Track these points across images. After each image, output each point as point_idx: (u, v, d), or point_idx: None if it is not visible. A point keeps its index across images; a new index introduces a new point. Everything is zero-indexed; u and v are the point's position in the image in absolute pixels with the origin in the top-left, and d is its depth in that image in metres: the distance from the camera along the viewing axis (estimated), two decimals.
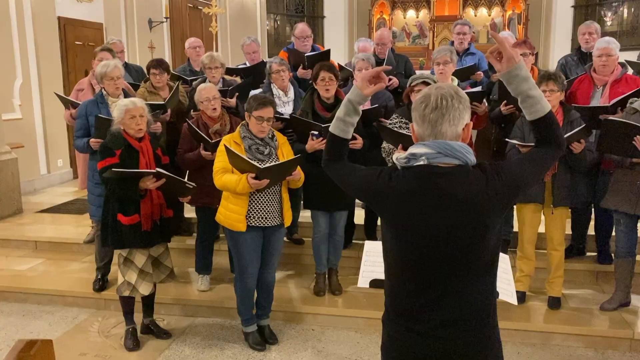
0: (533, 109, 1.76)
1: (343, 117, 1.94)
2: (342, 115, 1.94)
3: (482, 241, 1.72)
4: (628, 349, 3.67)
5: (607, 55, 4.04)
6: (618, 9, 11.33)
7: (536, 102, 1.75)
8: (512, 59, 1.74)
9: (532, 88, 1.75)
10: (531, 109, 1.76)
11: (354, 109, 1.94)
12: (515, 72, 1.75)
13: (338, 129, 1.95)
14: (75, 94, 5.15)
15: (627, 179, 3.60)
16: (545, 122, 1.76)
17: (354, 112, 1.94)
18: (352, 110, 1.94)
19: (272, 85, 4.56)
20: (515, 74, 1.75)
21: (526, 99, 1.76)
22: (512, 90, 1.78)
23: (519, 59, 1.74)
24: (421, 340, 1.76)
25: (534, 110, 1.76)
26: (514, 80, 1.76)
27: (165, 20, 9.54)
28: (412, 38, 13.39)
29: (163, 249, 3.72)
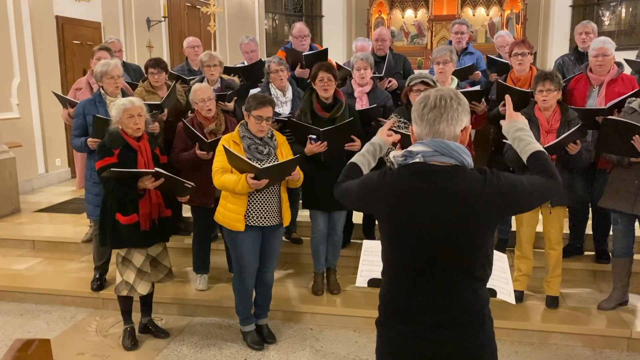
0: (526, 149, 1.91)
1: (366, 155, 2.11)
2: (366, 153, 2.12)
3: (474, 243, 1.73)
4: (626, 348, 3.68)
5: (603, 55, 4.05)
6: (616, 8, 11.35)
7: (528, 144, 1.91)
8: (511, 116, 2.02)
9: (521, 132, 1.95)
10: (524, 149, 1.92)
11: (376, 152, 2.14)
12: (514, 125, 1.99)
13: (360, 162, 2.09)
14: (74, 93, 5.14)
15: (625, 178, 3.61)
16: (537, 157, 1.88)
17: (377, 153, 2.15)
18: (375, 152, 2.14)
19: (271, 85, 4.55)
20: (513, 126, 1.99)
21: (519, 142, 1.94)
22: (510, 136, 1.99)
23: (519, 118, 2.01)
24: (415, 342, 1.77)
25: (526, 150, 1.91)
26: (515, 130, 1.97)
27: (164, 19, 9.53)
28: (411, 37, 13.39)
29: (161, 248, 3.72)
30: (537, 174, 1.84)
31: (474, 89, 4.26)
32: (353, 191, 1.94)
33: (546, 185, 1.81)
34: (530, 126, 3.76)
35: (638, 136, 3.37)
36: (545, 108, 3.73)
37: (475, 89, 4.23)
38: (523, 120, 1.98)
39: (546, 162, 1.86)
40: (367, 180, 1.86)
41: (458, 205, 1.69)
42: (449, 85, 4.27)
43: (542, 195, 1.83)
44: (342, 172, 2.09)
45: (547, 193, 1.84)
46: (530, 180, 1.80)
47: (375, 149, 2.13)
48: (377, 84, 4.62)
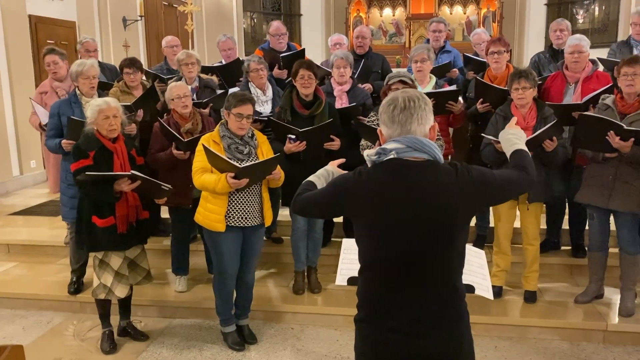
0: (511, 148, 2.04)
1: (320, 178, 2.18)
2: (320, 176, 2.19)
3: (450, 237, 1.76)
4: (602, 340, 3.74)
5: (579, 52, 4.11)
6: (589, 7, 11.54)
7: (513, 144, 2.04)
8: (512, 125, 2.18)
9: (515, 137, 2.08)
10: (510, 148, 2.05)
11: (329, 177, 2.20)
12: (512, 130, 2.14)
13: (317, 182, 2.16)
14: (39, 97, 5.01)
15: (600, 174, 3.67)
16: (516, 153, 2.00)
17: (329, 179, 2.19)
18: (328, 177, 2.20)
19: (250, 83, 4.53)
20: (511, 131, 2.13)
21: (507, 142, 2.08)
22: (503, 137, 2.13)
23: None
24: (394, 338, 1.79)
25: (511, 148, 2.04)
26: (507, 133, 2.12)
27: (140, 18, 9.42)
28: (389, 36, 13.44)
29: (139, 250, 3.67)
30: (512, 167, 1.94)
31: (451, 88, 4.30)
32: (321, 197, 1.97)
33: (517, 178, 1.90)
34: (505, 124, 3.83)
35: (612, 132, 3.43)
36: (522, 105, 3.77)
37: (452, 89, 4.27)
38: (517, 130, 2.12)
39: (522, 158, 1.97)
40: (341, 182, 1.87)
41: (433, 199, 1.73)
42: (428, 83, 4.30)
43: (514, 187, 1.92)
44: (300, 187, 2.14)
45: (519, 185, 1.92)
46: (502, 174, 1.89)
47: (329, 175, 2.21)
48: (356, 82, 4.63)
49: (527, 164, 1.94)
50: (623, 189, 3.57)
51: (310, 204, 2.03)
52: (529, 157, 1.99)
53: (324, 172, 2.22)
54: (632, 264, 3.78)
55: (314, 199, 2.00)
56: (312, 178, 2.19)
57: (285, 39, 5.51)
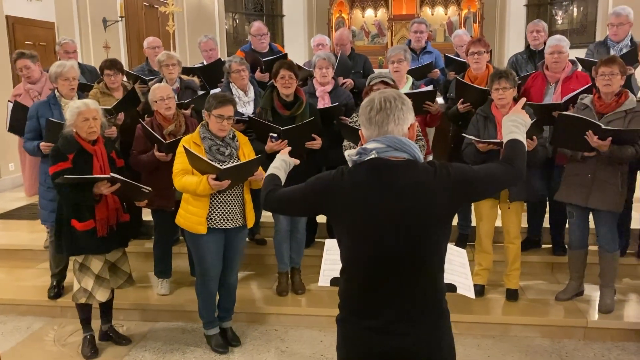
0: (506, 137, 2.02)
1: (280, 169, 2.23)
2: (280, 167, 2.23)
3: (430, 236, 1.77)
4: (582, 337, 3.79)
5: (559, 53, 4.17)
6: (568, 7, 11.68)
7: (509, 132, 2.01)
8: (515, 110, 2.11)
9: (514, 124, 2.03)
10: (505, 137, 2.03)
11: (287, 168, 2.29)
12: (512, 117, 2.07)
13: (276, 172, 2.20)
14: (14, 100, 4.94)
15: (579, 173, 3.71)
16: (509, 144, 1.97)
17: (287, 169, 2.29)
18: (287, 168, 2.28)
19: (232, 84, 4.51)
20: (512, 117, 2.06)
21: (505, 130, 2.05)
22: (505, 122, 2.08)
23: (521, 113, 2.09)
24: (374, 337, 1.80)
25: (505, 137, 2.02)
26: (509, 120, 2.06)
27: (121, 19, 9.32)
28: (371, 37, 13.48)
29: (120, 254, 3.63)
30: (501, 160, 1.94)
31: (427, 89, 4.33)
32: (300, 195, 1.95)
33: (500, 172, 1.90)
34: (486, 123, 3.88)
35: (590, 131, 3.48)
36: (502, 105, 3.80)
37: (428, 89, 4.30)
38: (522, 115, 2.07)
39: (513, 149, 1.95)
40: (322, 182, 1.87)
41: (412, 200, 1.74)
42: (405, 84, 4.32)
43: (498, 181, 1.91)
44: (265, 183, 2.14)
45: (503, 179, 1.92)
46: (485, 169, 1.89)
47: (287, 165, 2.27)
48: (338, 83, 4.64)
49: (516, 156, 1.93)
50: (602, 187, 3.62)
51: (287, 202, 2.02)
52: (521, 148, 1.96)
53: (282, 163, 2.25)
54: (611, 261, 3.83)
55: (291, 197, 1.99)
56: (273, 171, 2.19)
57: (267, 39, 5.50)
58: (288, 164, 2.29)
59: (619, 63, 3.56)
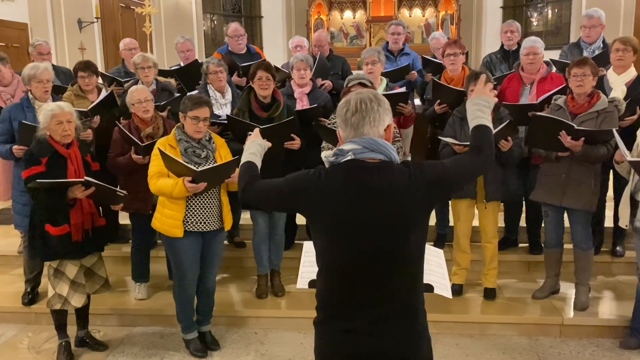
0: (472, 122, 2.02)
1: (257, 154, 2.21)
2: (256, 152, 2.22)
3: (407, 237, 1.77)
4: (558, 334, 3.84)
5: (534, 54, 4.23)
6: (543, 10, 11.86)
7: (475, 117, 2.00)
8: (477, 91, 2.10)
9: (477, 107, 2.03)
10: (471, 123, 2.03)
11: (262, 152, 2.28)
12: (474, 99, 2.06)
13: (252, 159, 2.17)
14: None
15: (554, 173, 3.77)
16: (477, 130, 1.97)
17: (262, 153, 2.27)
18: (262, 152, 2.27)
19: (209, 86, 4.47)
20: (476, 100, 2.05)
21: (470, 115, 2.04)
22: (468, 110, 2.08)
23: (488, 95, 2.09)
24: (352, 339, 1.79)
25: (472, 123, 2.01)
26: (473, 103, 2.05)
27: (96, 20, 9.20)
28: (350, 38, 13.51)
29: (96, 258, 3.58)
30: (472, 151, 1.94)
31: (399, 91, 4.36)
32: (279, 190, 1.93)
33: (470, 162, 1.91)
34: (462, 124, 3.91)
35: (563, 132, 3.53)
36: None
37: (401, 91, 4.33)
38: (486, 97, 2.06)
39: (481, 135, 1.96)
40: (300, 182, 1.85)
41: (388, 201, 1.74)
42: (379, 85, 4.35)
43: (469, 172, 1.93)
44: (243, 172, 2.11)
45: (474, 169, 1.94)
46: (455, 163, 1.90)
47: (262, 149, 2.27)
48: (316, 85, 4.64)
49: (484, 143, 1.94)
50: (575, 187, 3.68)
51: (265, 197, 2.01)
52: (488, 133, 1.97)
53: (258, 148, 2.23)
54: (585, 259, 3.90)
55: (268, 192, 1.97)
56: (250, 158, 2.16)
57: (244, 40, 5.48)
58: (263, 148, 2.27)
59: (590, 64, 3.62)
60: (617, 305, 4.02)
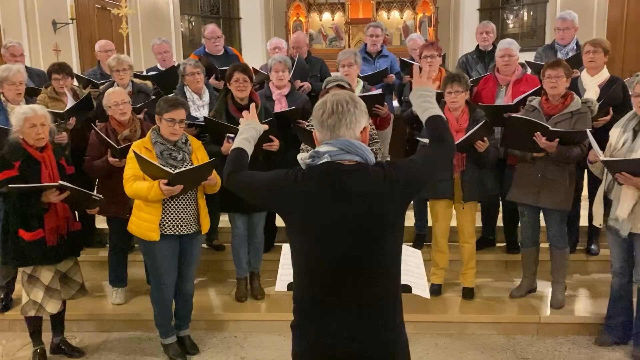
0: (423, 115, 2.02)
1: (250, 140, 2.15)
2: (250, 138, 2.15)
3: (384, 238, 1.78)
4: (535, 333, 3.89)
5: (509, 56, 4.29)
6: (519, 12, 12.04)
7: (425, 109, 2.02)
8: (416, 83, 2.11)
9: (422, 98, 2.05)
10: (422, 115, 2.03)
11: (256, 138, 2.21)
12: (417, 91, 2.08)
13: (244, 145, 2.11)
14: None
15: (529, 173, 3.82)
16: (431, 121, 1.99)
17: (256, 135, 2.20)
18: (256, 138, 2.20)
19: (186, 88, 4.44)
20: (418, 92, 2.07)
21: (419, 108, 2.05)
22: (414, 104, 2.09)
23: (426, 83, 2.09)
24: (330, 341, 1.79)
25: (424, 115, 2.02)
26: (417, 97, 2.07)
27: (71, 21, 9.06)
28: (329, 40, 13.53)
29: (72, 263, 3.52)
30: (433, 143, 1.96)
31: (375, 92, 4.38)
32: (258, 187, 1.93)
33: (438, 154, 1.93)
34: None
35: (538, 133, 3.58)
36: (454, 108, 3.88)
37: (376, 93, 4.35)
38: (426, 86, 2.07)
39: (438, 126, 1.98)
40: (276, 182, 1.84)
41: (364, 204, 1.74)
42: (355, 87, 4.36)
43: (437, 163, 1.93)
44: (231, 159, 2.07)
45: (440, 159, 1.95)
46: (424, 157, 1.92)
47: (257, 133, 2.20)
48: (295, 86, 4.63)
49: (442, 131, 1.96)
50: (550, 187, 3.74)
51: (245, 191, 1.98)
52: (441, 122, 1.99)
53: (252, 133, 2.17)
54: (561, 258, 3.96)
55: (249, 186, 1.96)
56: (242, 144, 2.11)
57: (222, 42, 5.45)
58: (258, 132, 2.21)
59: (564, 66, 3.68)
60: (592, 303, 4.09)
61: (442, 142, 1.94)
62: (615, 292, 3.62)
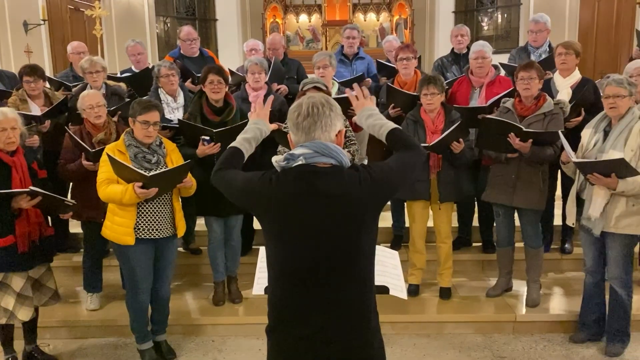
0: (381, 131, 1.99)
1: (251, 141, 2.06)
2: (252, 139, 2.06)
3: (358, 241, 1.78)
4: (512, 331, 3.94)
5: (482, 58, 4.34)
6: (493, 14, 12.20)
7: (381, 126, 1.99)
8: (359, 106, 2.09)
9: (373, 119, 2.03)
10: (379, 132, 2.00)
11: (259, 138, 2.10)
12: (363, 113, 2.06)
13: (243, 147, 2.03)
14: None
15: (503, 173, 3.87)
16: (394, 135, 1.97)
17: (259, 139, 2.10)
18: (259, 138, 2.10)
19: (160, 90, 4.39)
20: (363, 114, 2.06)
21: (374, 127, 2.02)
22: (365, 126, 2.07)
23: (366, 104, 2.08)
24: (302, 346, 1.79)
25: (382, 132, 1.99)
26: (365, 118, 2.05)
27: (43, 22, 8.89)
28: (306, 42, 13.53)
29: (44, 269, 3.45)
30: (399, 150, 1.94)
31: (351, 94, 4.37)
32: (236, 187, 1.90)
33: (410, 158, 1.92)
34: (416, 127, 3.96)
35: (512, 134, 3.63)
36: (430, 110, 3.91)
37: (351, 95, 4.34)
38: (369, 105, 2.07)
39: (403, 137, 1.98)
40: (252, 184, 1.83)
41: (338, 207, 1.74)
42: (330, 89, 4.37)
43: (411, 168, 1.93)
44: (223, 157, 2.01)
45: (415, 164, 1.94)
46: (396, 160, 1.89)
47: (260, 134, 2.11)
48: (272, 89, 4.62)
49: (407, 141, 1.96)
50: (525, 187, 3.79)
51: (226, 187, 1.94)
52: (402, 132, 2.00)
53: (256, 133, 2.07)
54: (536, 257, 4.02)
55: (229, 184, 1.92)
56: (241, 144, 2.02)
57: (197, 44, 5.41)
58: (263, 133, 2.10)
59: (536, 68, 3.74)
60: (567, 301, 4.16)
61: (411, 149, 1.94)
62: (588, 289, 3.69)
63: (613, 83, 3.32)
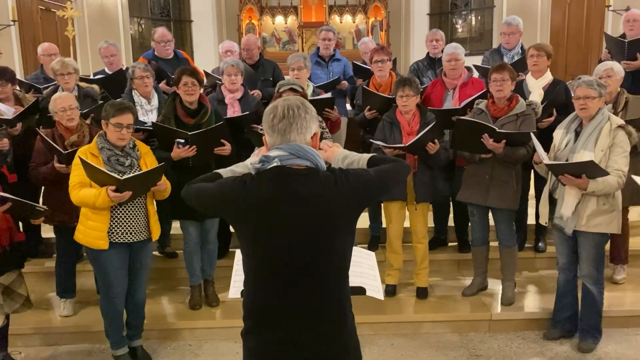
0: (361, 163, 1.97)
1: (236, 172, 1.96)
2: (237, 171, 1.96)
3: (333, 244, 1.78)
4: (487, 330, 3.99)
5: (455, 60, 4.38)
6: (467, 17, 12.36)
7: (359, 159, 1.97)
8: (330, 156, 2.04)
9: (350, 158, 2.00)
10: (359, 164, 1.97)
11: None
12: (337, 158, 2.02)
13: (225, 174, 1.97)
14: None
15: (478, 174, 3.92)
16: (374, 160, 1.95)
17: None
18: None
19: (134, 92, 4.34)
20: (338, 159, 2.02)
21: (352, 164, 1.98)
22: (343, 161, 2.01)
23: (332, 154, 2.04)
24: (281, 348, 1.78)
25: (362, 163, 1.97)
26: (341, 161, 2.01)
27: (13, 23, 8.71)
28: (282, 44, 13.51)
29: (15, 275, 3.37)
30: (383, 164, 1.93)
31: (325, 96, 4.41)
32: (207, 195, 1.86)
33: (392, 169, 1.91)
34: (392, 129, 3.99)
35: (486, 135, 3.68)
36: (406, 112, 3.94)
37: (326, 97, 4.38)
38: (338, 150, 2.06)
39: (384, 157, 1.99)
40: (225, 190, 1.81)
41: (313, 209, 1.74)
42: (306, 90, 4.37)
43: (392, 178, 1.92)
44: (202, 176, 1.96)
45: (397, 175, 1.94)
46: (377, 170, 1.88)
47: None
48: (248, 90, 4.59)
49: (389, 158, 1.98)
50: (499, 187, 3.84)
51: (195, 198, 1.90)
52: (381, 155, 2.02)
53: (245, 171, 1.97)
54: (510, 256, 4.07)
55: (198, 192, 1.88)
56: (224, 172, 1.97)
57: (171, 45, 5.35)
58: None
59: (508, 69, 3.80)
60: (541, 299, 4.23)
61: (394, 161, 1.95)
62: (561, 287, 3.75)
63: (583, 84, 3.39)
